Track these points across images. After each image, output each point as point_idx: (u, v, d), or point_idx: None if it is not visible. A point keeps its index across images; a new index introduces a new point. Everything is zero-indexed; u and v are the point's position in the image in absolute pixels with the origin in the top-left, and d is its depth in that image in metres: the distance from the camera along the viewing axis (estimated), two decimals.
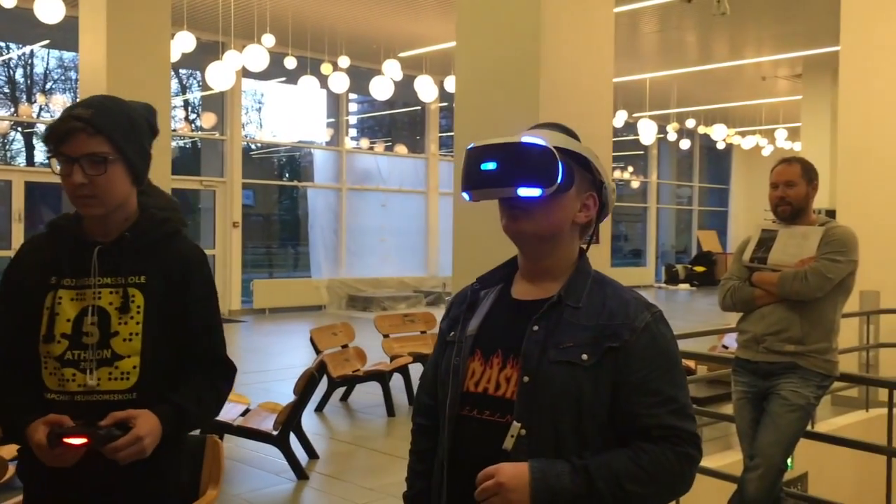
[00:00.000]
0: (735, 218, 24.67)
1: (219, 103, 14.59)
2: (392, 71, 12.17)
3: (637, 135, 16.54)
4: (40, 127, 13.22)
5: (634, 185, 23.01)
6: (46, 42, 13.37)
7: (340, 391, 7.42)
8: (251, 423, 5.40)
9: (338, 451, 6.05)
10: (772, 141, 20.52)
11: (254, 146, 16.65)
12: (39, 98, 14.22)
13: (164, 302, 1.91)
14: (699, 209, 24.94)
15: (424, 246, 17.58)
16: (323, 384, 6.55)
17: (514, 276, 1.71)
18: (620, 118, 16.27)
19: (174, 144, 14.26)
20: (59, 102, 13.74)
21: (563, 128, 1.66)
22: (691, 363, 6.73)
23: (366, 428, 6.80)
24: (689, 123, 19.02)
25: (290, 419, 5.27)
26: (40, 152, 13.22)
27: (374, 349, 7.94)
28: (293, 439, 5.42)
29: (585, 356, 1.52)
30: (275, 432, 5.23)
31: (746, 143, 20.40)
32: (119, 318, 1.87)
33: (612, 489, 1.46)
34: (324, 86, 12.50)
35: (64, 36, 11.57)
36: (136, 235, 1.93)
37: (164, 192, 2.14)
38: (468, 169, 1.60)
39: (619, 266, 21.40)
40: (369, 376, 7.20)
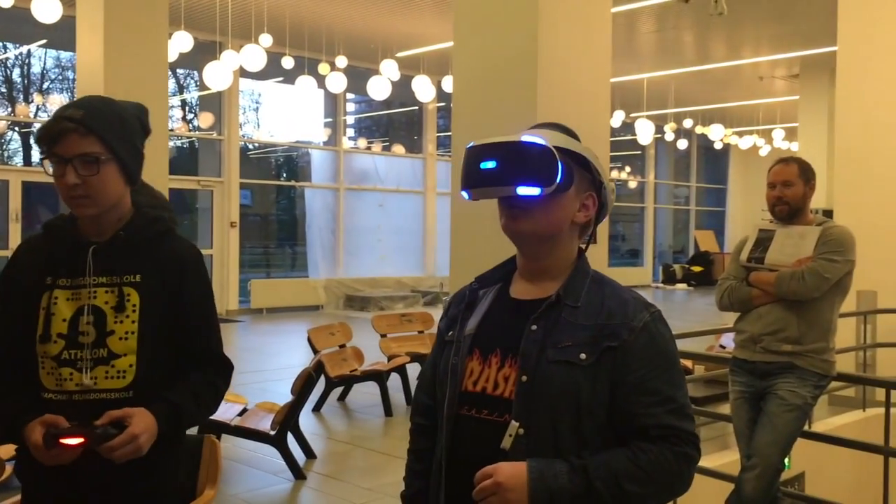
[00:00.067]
0: (732, 218, 24.70)
1: (216, 103, 14.58)
2: (389, 71, 12.17)
3: (634, 135, 16.54)
4: (37, 127, 13.18)
5: (632, 184, 23.03)
6: (43, 42, 13.36)
7: (338, 391, 7.42)
8: (249, 423, 5.40)
9: (335, 451, 6.04)
10: (769, 141, 20.53)
11: (251, 146, 16.64)
12: (36, 98, 14.20)
13: (160, 300, 1.91)
14: (696, 209, 24.96)
15: (422, 246, 17.57)
16: (320, 384, 6.56)
17: (512, 276, 1.70)
18: (618, 118, 16.28)
19: (171, 144, 14.23)
20: (57, 102, 13.73)
21: (563, 128, 1.66)
22: (689, 363, 6.74)
23: (363, 428, 6.80)
24: (687, 123, 19.03)
25: (287, 419, 5.27)
26: (37, 152, 13.20)
27: (371, 349, 7.94)
28: (291, 439, 5.42)
29: (584, 356, 1.52)
30: (272, 432, 5.22)
31: (744, 143, 20.44)
32: (115, 316, 1.87)
33: (611, 489, 1.46)
34: (321, 86, 12.49)
35: (61, 35, 11.55)
36: (131, 234, 1.93)
37: (153, 188, 2.13)
38: (468, 168, 1.60)
39: (616, 266, 21.41)
40: (367, 376, 7.19)
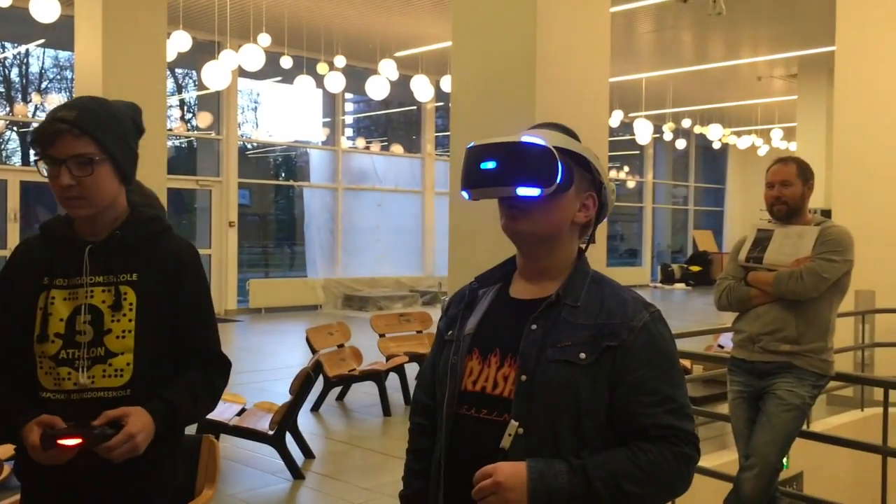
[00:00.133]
0: (731, 218, 24.71)
1: (215, 103, 14.57)
2: (388, 70, 12.16)
3: (633, 134, 16.56)
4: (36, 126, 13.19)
5: (630, 184, 23.03)
6: (42, 41, 13.35)
7: (336, 391, 7.42)
8: (247, 423, 5.40)
9: (334, 451, 6.04)
10: (767, 141, 20.54)
11: (250, 146, 16.64)
12: (35, 97, 14.19)
13: (157, 298, 1.92)
14: (695, 209, 24.97)
15: (420, 245, 17.57)
16: (319, 384, 6.55)
17: (512, 276, 1.70)
18: (616, 118, 16.28)
19: (170, 144, 14.23)
20: (55, 102, 13.71)
21: (563, 128, 1.66)
22: (687, 363, 6.74)
23: (362, 427, 6.80)
24: (685, 123, 19.02)
25: (286, 419, 5.27)
26: (32, 153, 13.20)
27: (370, 349, 7.94)
28: (289, 439, 5.42)
29: (583, 355, 1.52)
30: (271, 432, 5.22)
31: (742, 142, 20.45)
32: (112, 315, 1.88)
33: (610, 489, 1.46)
34: (320, 85, 12.48)
35: (59, 35, 11.55)
36: (127, 234, 1.94)
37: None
38: (468, 168, 1.60)
39: (614, 266, 21.42)
40: (365, 376, 7.19)
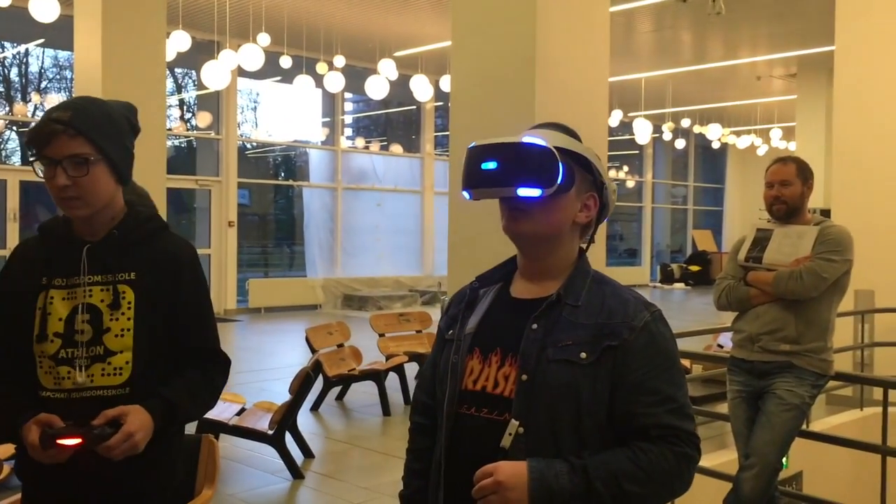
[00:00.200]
0: (730, 217, 24.71)
1: (214, 102, 14.57)
2: (387, 70, 12.16)
3: (632, 134, 16.56)
4: None
5: (630, 184, 23.03)
6: (41, 41, 13.34)
7: (336, 390, 7.42)
8: (247, 423, 5.40)
9: (333, 451, 6.04)
10: (767, 140, 20.55)
11: (249, 145, 16.63)
12: (34, 97, 14.19)
13: (155, 297, 1.92)
14: (694, 208, 24.98)
15: (420, 245, 17.57)
16: (318, 383, 6.55)
17: (513, 276, 1.70)
18: (616, 118, 16.28)
19: (169, 144, 14.22)
20: (54, 101, 13.67)
21: (564, 128, 1.66)
22: (686, 362, 6.74)
23: (361, 427, 6.80)
24: (685, 123, 19.03)
25: (285, 418, 5.27)
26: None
27: (369, 348, 7.94)
28: (289, 439, 5.42)
29: (584, 355, 1.52)
30: (270, 432, 5.22)
31: (741, 142, 20.45)
32: (110, 314, 1.88)
33: (611, 489, 1.46)
34: (319, 85, 12.48)
35: (59, 35, 11.54)
36: (125, 233, 1.94)
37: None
38: (469, 168, 1.60)
39: (613, 265, 21.42)
40: (365, 375, 7.20)
